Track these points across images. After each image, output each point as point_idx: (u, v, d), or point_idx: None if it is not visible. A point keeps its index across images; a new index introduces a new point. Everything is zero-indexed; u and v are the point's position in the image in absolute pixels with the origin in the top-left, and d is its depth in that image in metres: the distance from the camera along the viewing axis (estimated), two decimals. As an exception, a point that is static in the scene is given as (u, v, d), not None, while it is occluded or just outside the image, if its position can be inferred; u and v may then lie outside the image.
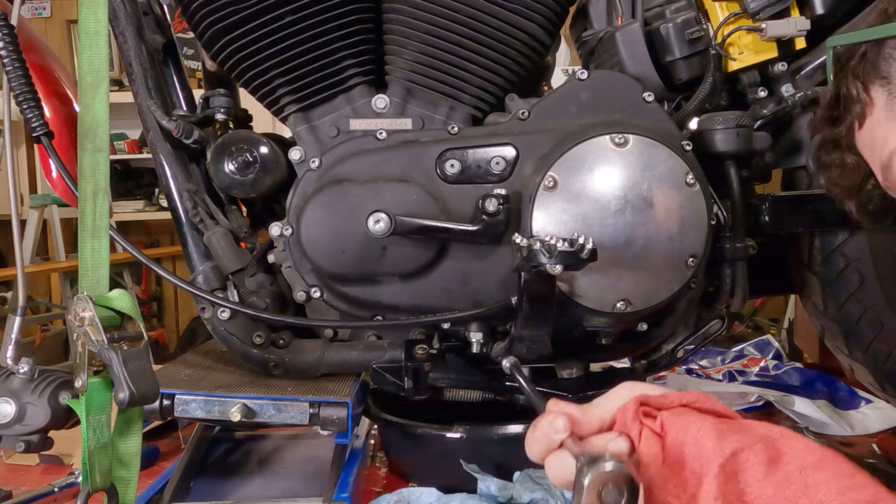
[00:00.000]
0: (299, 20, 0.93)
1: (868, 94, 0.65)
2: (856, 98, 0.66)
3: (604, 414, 0.54)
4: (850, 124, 0.69)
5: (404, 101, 0.99)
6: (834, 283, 1.05)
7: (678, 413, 0.52)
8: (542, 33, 0.99)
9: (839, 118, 0.70)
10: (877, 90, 0.65)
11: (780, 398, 1.28)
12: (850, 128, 0.69)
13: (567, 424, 0.52)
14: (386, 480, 1.07)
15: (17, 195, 0.90)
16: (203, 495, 0.93)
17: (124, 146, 4.01)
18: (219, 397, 0.90)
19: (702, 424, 0.50)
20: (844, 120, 0.69)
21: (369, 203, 0.90)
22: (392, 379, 0.96)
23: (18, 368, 0.73)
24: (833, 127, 0.71)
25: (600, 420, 0.54)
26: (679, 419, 0.51)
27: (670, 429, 0.51)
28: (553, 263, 0.72)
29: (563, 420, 0.52)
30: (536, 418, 0.55)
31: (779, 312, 3.20)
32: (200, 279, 0.98)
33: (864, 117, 0.67)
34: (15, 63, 0.90)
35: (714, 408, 0.53)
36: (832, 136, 0.72)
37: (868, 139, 0.67)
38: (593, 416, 0.54)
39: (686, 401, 0.53)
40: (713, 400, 0.54)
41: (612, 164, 0.88)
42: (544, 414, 0.54)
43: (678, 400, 0.53)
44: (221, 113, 1.03)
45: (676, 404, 0.53)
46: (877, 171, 0.68)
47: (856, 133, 0.69)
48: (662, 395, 0.54)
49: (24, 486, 1.07)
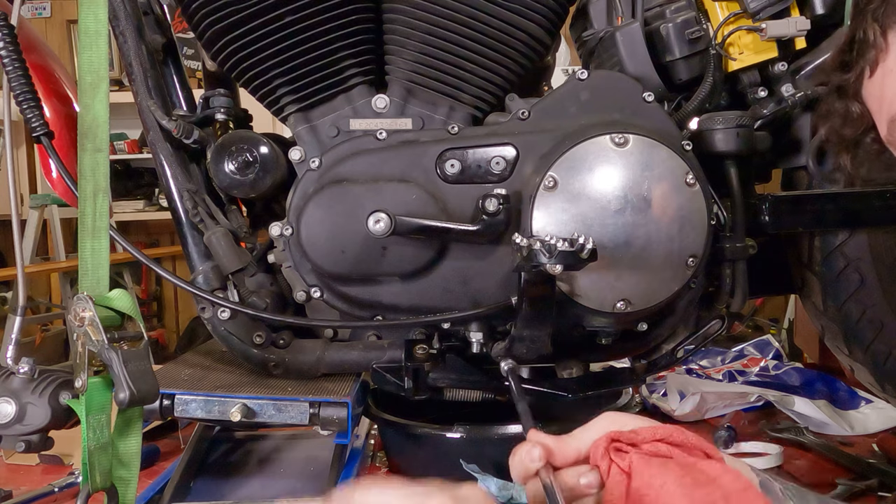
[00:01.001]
0: (299, 20, 0.93)
1: (885, 38, 0.62)
2: (871, 43, 0.63)
3: (581, 445, 0.56)
4: (861, 71, 0.66)
5: (404, 101, 0.99)
6: (834, 283, 1.05)
7: (646, 460, 0.52)
8: (542, 33, 0.99)
9: (850, 64, 0.67)
10: (895, 36, 0.62)
11: (780, 398, 1.28)
12: (861, 75, 0.66)
13: (542, 454, 0.54)
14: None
15: (17, 195, 0.90)
16: (203, 495, 0.93)
17: (124, 146, 4.01)
18: (219, 397, 0.90)
19: (665, 479, 0.51)
20: (856, 66, 0.66)
21: (369, 203, 0.90)
22: (392, 379, 0.96)
23: (19, 368, 0.73)
24: (843, 72, 0.69)
25: (577, 451, 0.56)
26: (645, 468, 0.52)
27: (636, 475, 0.52)
28: (553, 263, 0.72)
29: (538, 450, 0.54)
30: (518, 445, 0.56)
31: (779, 312, 3.19)
32: (200, 279, 0.98)
33: (876, 64, 0.64)
34: (15, 63, 0.90)
35: (687, 441, 0.54)
36: (840, 83, 0.70)
37: (878, 88, 0.65)
38: (570, 447, 0.56)
39: (660, 435, 0.54)
40: (687, 433, 0.54)
41: (613, 164, 0.88)
42: (524, 442, 0.56)
43: (651, 435, 0.54)
44: (221, 113, 1.03)
45: (650, 440, 0.53)
46: (881, 124, 0.66)
47: (865, 81, 0.66)
48: (635, 430, 0.54)
49: (24, 486, 1.07)
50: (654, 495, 0.51)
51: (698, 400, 1.27)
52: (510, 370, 0.86)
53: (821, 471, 1.06)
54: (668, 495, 0.50)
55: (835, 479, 0.99)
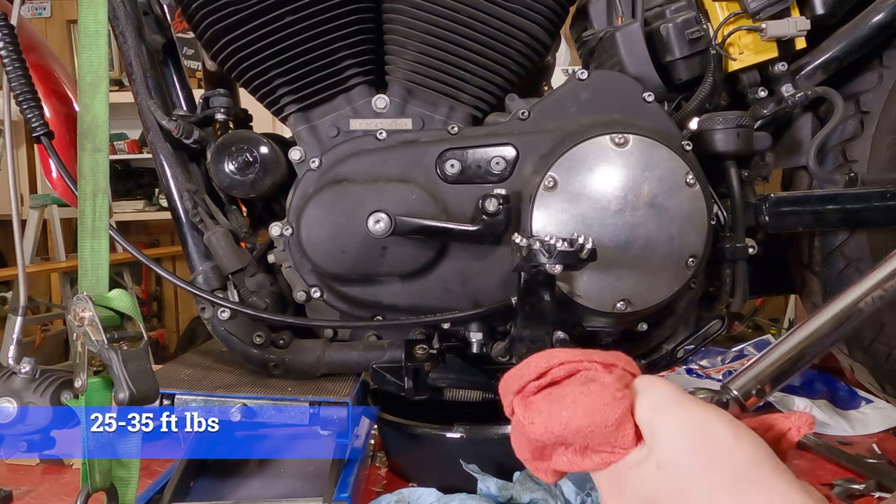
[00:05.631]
0: (299, 20, 0.93)
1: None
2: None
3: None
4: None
5: (404, 101, 0.99)
6: (834, 283, 1.05)
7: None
8: (542, 33, 0.99)
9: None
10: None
11: (780, 398, 1.28)
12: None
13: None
14: (386, 480, 1.07)
15: (17, 195, 0.90)
16: (203, 495, 0.93)
17: (124, 146, 4.01)
18: (219, 397, 0.90)
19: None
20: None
21: (369, 203, 0.90)
22: (392, 379, 0.96)
23: (20, 368, 0.74)
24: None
25: None
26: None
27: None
28: (553, 263, 0.72)
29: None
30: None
31: (779, 312, 3.20)
32: (200, 279, 0.98)
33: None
34: (15, 63, 0.90)
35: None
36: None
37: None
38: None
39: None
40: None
41: (612, 164, 0.88)
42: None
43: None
44: (221, 113, 1.03)
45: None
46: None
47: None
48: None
49: (24, 486, 1.07)
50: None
51: (698, 400, 1.27)
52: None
53: (820, 471, 1.06)
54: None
55: (834, 480, 0.99)
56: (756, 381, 0.54)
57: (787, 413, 0.50)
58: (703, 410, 0.45)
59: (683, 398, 0.46)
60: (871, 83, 1.04)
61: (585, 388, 0.47)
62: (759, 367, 0.55)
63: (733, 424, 0.44)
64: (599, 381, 0.48)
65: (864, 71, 1.05)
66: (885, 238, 1.03)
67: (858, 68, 1.05)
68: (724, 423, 0.44)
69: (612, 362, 0.50)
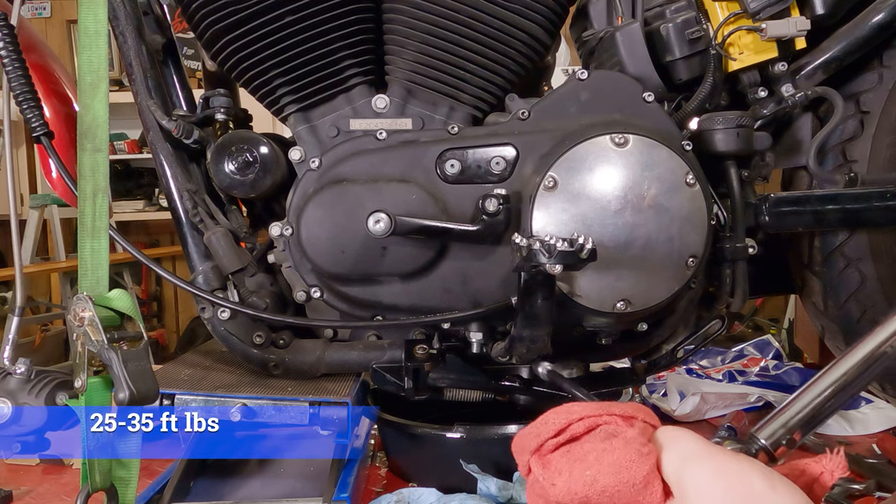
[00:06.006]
0: (299, 20, 0.93)
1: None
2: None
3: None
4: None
5: (404, 101, 0.99)
6: (834, 283, 1.05)
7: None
8: (542, 33, 0.99)
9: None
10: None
11: (780, 398, 1.28)
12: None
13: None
14: (386, 480, 1.07)
15: (16, 195, 0.90)
16: (203, 495, 0.93)
17: (124, 146, 4.01)
18: (219, 397, 0.90)
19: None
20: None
21: (369, 203, 0.90)
22: (392, 379, 0.96)
23: (15, 369, 0.73)
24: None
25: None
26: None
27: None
28: (553, 263, 0.72)
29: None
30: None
31: (779, 312, 3.20)
32: (200, 279, 0.98)
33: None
34: (15, 63, 0.90)
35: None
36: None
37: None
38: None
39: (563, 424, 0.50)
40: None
41: (613, 164, 0.88)
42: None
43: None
44: (221, 113, 1.03)
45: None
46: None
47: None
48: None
49: (24, 486, 1.07)
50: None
51: (698, 400, 1.27)
52: (550, 373, 0.85)
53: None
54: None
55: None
56: (785, 429, 0.52)
57: (818, 456, 0.49)
58: (735, 461, 0.44)
59: (713, 449, 0.45)
60: (871, 83, 1.04)
61: (608, 445, 0.45)
62: (787, 413, 0.53)
63: (767, 473, 0.43)
64: (622, 437, 0.46)
65: (864, 71, 1.05)
66: (885, 238, 1.03)
67: (858, 68, 1.05)
68: (758, 472, 0.43)
69: (632, 414, 0.49)
